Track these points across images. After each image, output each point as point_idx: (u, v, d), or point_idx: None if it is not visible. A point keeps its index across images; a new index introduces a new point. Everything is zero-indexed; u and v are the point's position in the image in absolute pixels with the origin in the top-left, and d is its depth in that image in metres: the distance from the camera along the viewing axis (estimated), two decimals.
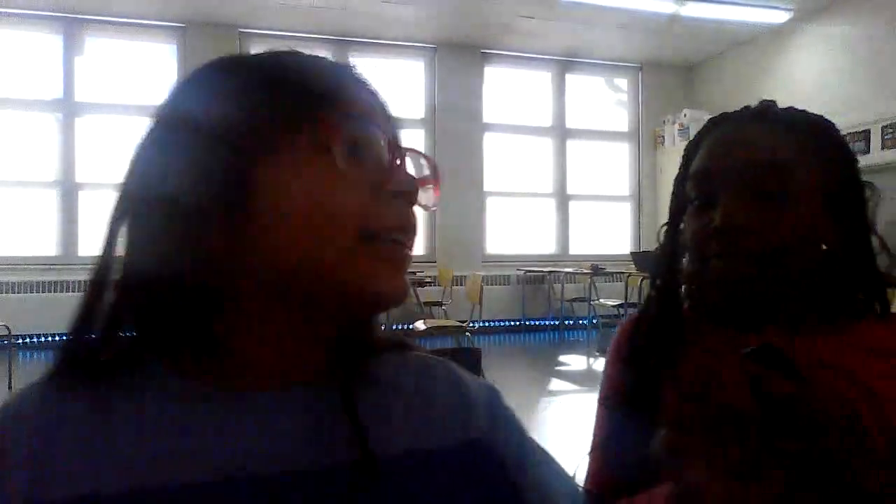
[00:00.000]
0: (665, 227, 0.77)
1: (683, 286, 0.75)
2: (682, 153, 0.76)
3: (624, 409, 0.72)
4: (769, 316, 0.68)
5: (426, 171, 0.51)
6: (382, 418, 0.48)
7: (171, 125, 0.46)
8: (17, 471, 0.40)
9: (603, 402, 0.76)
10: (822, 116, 0.73)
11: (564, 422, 4.05)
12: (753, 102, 0.75)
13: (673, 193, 0.76)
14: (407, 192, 0.46)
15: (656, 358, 0.71)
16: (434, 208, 0.50)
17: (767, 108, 0.73)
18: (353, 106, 0.46)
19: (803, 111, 0.73)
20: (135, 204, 0.46)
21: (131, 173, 0.46)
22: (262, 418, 0.45)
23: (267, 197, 0.43)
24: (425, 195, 0.49)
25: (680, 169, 0.75)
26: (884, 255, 0.73)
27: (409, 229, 0.47)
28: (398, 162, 0.47)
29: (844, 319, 0.68)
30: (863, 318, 0.69)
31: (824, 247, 0.69)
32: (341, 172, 0.43)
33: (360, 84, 0.49)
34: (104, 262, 0.46)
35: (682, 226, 0.73)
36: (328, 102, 0.45)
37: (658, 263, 0.77)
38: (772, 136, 0.68)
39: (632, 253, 7.00)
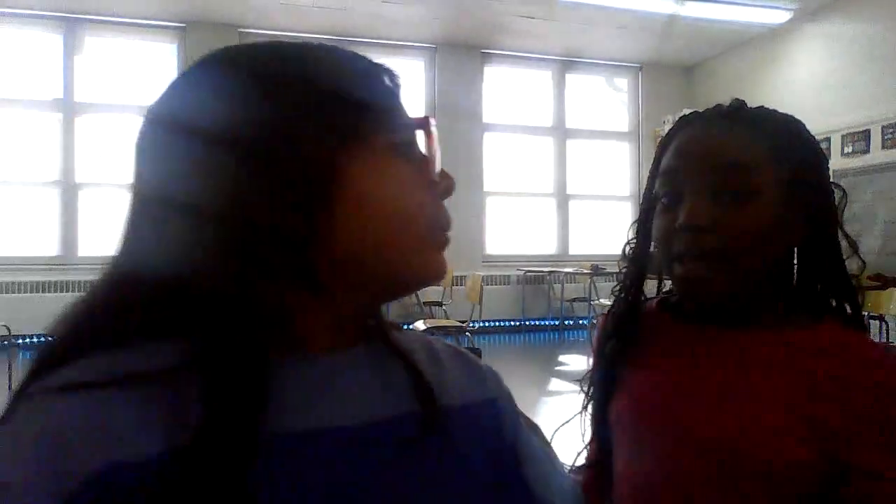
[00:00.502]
0: (634, 224, 0.80)
1: (659, 281, 0.81)
2: None
3: (591, 394, 0.81)
4: (724, 312, 0.71)
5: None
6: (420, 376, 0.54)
7: (220, 134, 0.44)
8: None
9: (580, 383, 0.84)
10: (791, 116, 0.74)
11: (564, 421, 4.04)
12: (753, 102, 0.76)
13: (644, 190, 0.78)
14: (449, 189, 0.51)
15: (614, 352, 0.77)
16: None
17: (737, 107, 0.73)
18: (402, 110, 0.51)
19: (773, 111, 0.74)
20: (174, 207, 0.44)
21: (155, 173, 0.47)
22: (335, 376, 0.48)
23: (348, 199, 0.45)
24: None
25: (652, 165, 0.77)
26: (854, 258, 0.75)
27: (450, 223, 0.52)
28: (437, 159, 0.51)
29: (804, 319, 0.70)
30: (822, 321, 0.69)
31: (788, 246, 0.71)
32: (411, 174, 0.49)
33: (396, 81, 0.53)
34: (141, 262, 0.45)
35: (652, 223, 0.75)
36: (390, 109, 0.50)
37: (626, 260, 0.81)
38: (737, 136, 0.69)
39: None
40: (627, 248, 0.82)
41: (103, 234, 6.70)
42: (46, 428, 0.38)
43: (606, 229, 8.17)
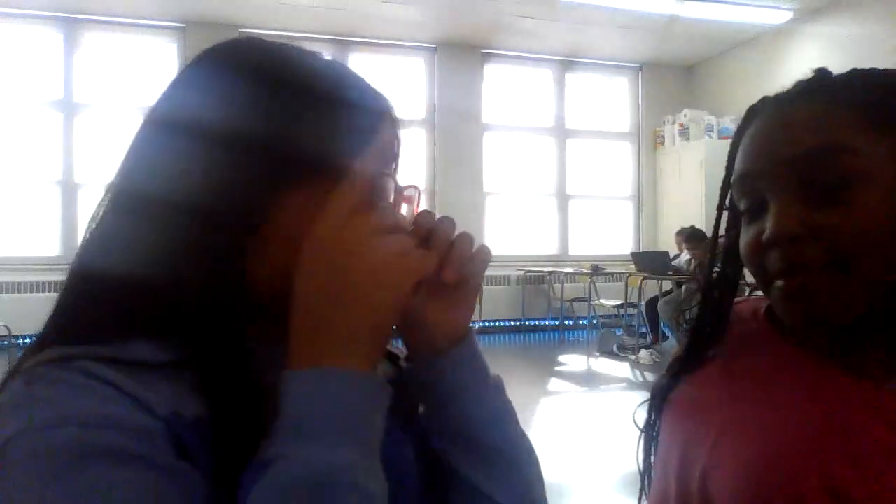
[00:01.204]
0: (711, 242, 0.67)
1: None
2: (682, 153, 0.69)
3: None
4: (858, 341, 0.56)
5: (408, 193, 0.53)
6: None
7: (185, 127, 0.47)
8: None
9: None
10: (892, 72, 0.60)
11: (564, 422, 4.05)
12: (753, 102, 0.67)
13: (718, 203, 0.65)
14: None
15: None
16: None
17: (820, 79, 0.60)
18: (382, 140, 0.49)
19: (869, 70, 0.59)
20: (147, 204, 0.47)
21: (136, 168, 0.49)
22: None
23: (280, 230, 0.45)
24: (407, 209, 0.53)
25: (725, 173, 0.63)
26: None
27: None
28: (399, 205, 0.50)
29: None
30: None
31: None
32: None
33: (389, 109, 0.51)
34: (102, 259, 0.48)
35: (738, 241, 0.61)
36: (354, 148, 0.47)
37: (697, 298, 0.67)
38: (818, 113, 0.54)
39: (632, 253, 7.00)
40: (697, 269, 0.69)
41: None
42: (111, 382, 0.39)
43: (606, 229, 8.17)
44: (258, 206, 0.45)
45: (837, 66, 0.63)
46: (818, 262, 0.51)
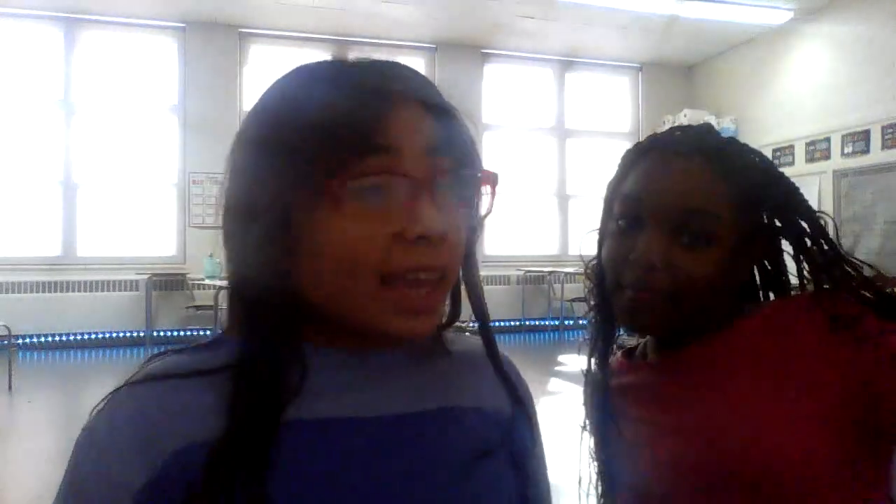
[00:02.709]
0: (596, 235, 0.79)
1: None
2: None
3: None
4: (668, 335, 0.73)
5: (479, 177, 0.53)
6: (445, 378, 0.57)
7: (242, 144, 0.52)
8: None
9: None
10: (761, 155, 0.73)
11: (564, 422, 4.04)
12: (753, 102, 0.76)
13: (603, 211, 0.77)
14: (428, 236, 0.47)
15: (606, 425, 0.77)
16: (489, 214, 0.54)
17: (705, 141, 0.71)
18: (386, 138, 0.47)
19: (743, 148, 0.73)
20: (225, 216, 0.53)
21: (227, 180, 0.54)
22: (368, 371, 0.53)
23: (303, 236, 0.47)
24: (483, 203, 0.54)
25: (610, 186, 0.76)
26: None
27: (430, 270, 0.48)
28: (422, 203, 0.47)
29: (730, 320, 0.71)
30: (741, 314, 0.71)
31: (735, 285, 0.72)
32: (363, 220, 0.46)
33: (403, 99, 0.49)
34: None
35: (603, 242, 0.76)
36: (357, 148, 0.46)
37: (595, 284, 0.80)
38: (704, 180, 0.68)
39: None
40: (587, 289, 0.82)
41: (103, 234, 6.70)
42: (137, 410, 0.47)
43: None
44: (281, 214, 0.47)
45: (837, 66, 0.66)
46: (662, 290, 0.66)
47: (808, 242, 0.71)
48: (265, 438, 0.45)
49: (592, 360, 0.81)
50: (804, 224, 0.71)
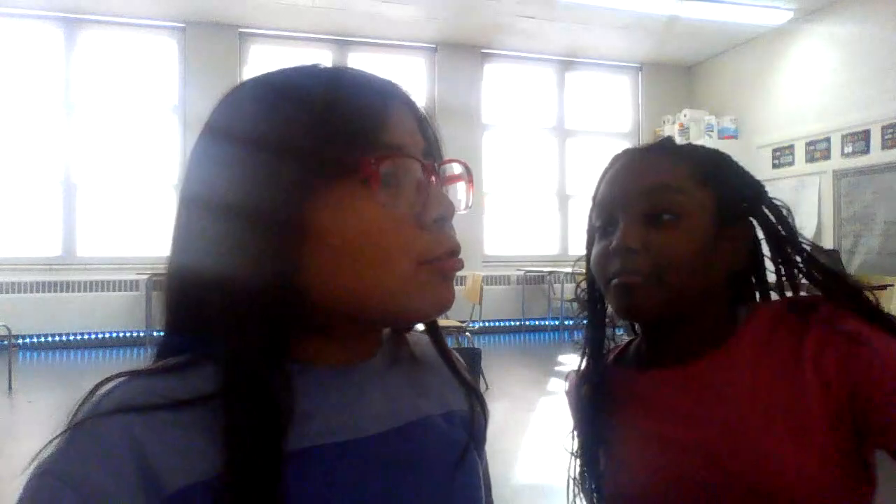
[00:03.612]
0: (586, 259, 0.82)
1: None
2: None
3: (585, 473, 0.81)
4: (667, 334, 0.75)
5: (456, 171, 0.54)
6: (415, 386, 0.57)
7: (230, 139, 0.49)
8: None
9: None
10: (717, 150, 0.77)
11: (564, 422, 4.04)
12: (753, 102, 0.79)
13: (587, 228, 0.82)
14: (446, 216, 0.49)
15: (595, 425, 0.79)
16: (469, 207, 0.55)
17: (665, 141, 0.78)
18: (394, 136, 0.48)
19: (701, 146, 0.79)
20: (197, 211, 0.49)
21: (191, 177, 0.51)
22: (353, 389, 0.51)
23: (320, 231, 0.46)
24: (462, 196, 0.55)
25: (591, 202, 0.80)
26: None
27: (456, 249, 0.50)
28: (434, 183, 0.50)
29: (724, 336, 0.72)
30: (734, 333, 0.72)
31: (725, 271, 0.74)
32: (386, 208, 0.46)
33: (401, 102, 0.51)
34: (177, 264, 0.50)
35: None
36: (370, 139, 0.47)
37: (583, 303, 0.85)
38: (663, 162, 0.73)
39: None
40: (580, 291, 0.85)
41: (103, 234, 6.70)
42: (121, 448, 0.41)
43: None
44: (290, 212, 0.45)
45: (837, 66, 0.67)
46: (644, 270, 0.69)
47: (778, 232, 0.74)
48: (273, 470, 0.42)
49: (583, 365, 0.84)
50: (768, 213, 0.75)
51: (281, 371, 0.45)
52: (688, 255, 0.69)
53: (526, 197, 7.93)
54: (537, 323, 7.60)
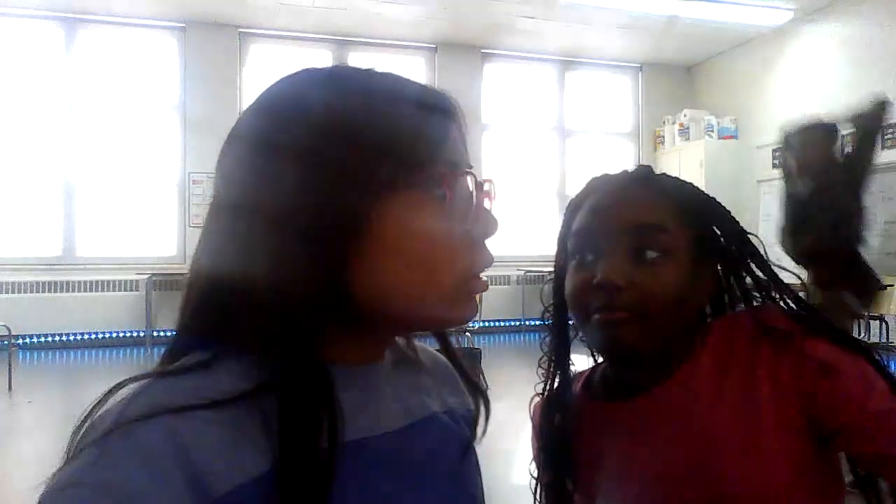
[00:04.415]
0: (552, 284, 0.83)
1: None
2: (682, 153, 0.78)
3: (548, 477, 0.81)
4: (644, 367, 0.75)
5: (486, 188, 0.54)
6: (417, 385, 0.59)
7: (285, 141, 0.47)
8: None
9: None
10: (689, 182, 0.79)
11: None
12: (753, 102, 0.79)
13: (556, 254, 0.81)
14: (490, 235, 0.51)
15: (556, 440, 0.80)
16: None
17: (644, 174, 0.78)
18: (452, 152, 0.50)
19: (675, 178, 0.79)
20: (242, 214, 0.47)
21: (235, 179, 0.49)
22: (370, 390, 0.52)
23: (379, 234, 0.46)
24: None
25: (562, 228, 0.81)
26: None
27: (490, 266, 0.52)
28: (483, 202, 0.52)
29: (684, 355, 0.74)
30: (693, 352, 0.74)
31: (700, 304, 0.76)
32: (449, 218, 0.48)
33: (457, 118, 0.53)
34: (214, 267, 0.49)
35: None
36: (438, 147, 0.49)
37: (550, 331, 0.85)
38: (649, 199, 0.74)
39: None
40: (547, 315, 0.84)
41: (103, 234, 6.70)
42: (164, 452, 0.39)
43: None
44: (352, 215, 0.45)
45: (837, 66, 0.67)
46: (629, 307, 0.69)
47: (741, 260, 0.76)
48: (329, 465, 0.42)
49: (551, 385, 0.85)
50: (734, 244, 0.76)
51: (324, 368, 0.45)
52: (672, 291, 0.70)
53: (526, 197, 7.93)
54: (537, 323, 7.57)
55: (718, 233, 0.76)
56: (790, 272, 0.76)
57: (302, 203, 0.45)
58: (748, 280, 0.76)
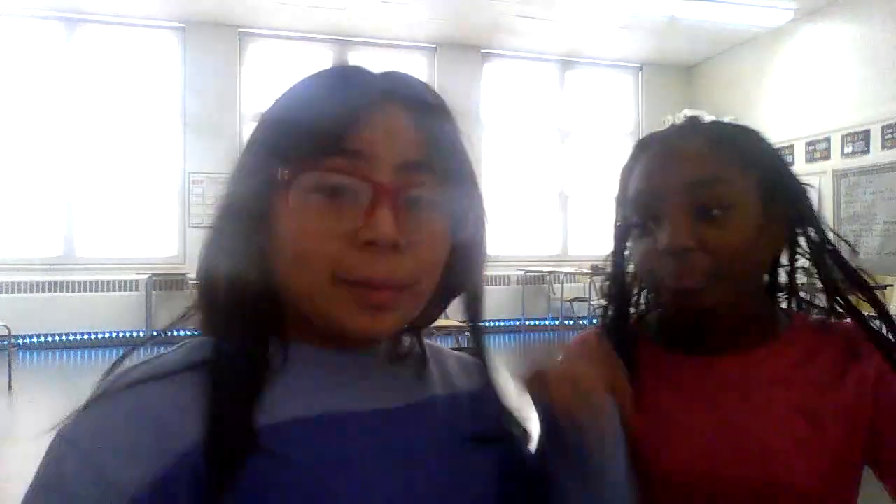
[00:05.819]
0: (612, 254, 0.80)
1: (640, 308, 0.81)
2: None
3: None
4: (715, 333, 0.72)
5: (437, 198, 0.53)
6: (424, 373, 0.61)
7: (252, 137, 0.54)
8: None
9: None
10: (744, 126, 0.74)
11: None
12: (753, 102, 0.77)
13: (615, 221, 0.78)
14: (378, 243, 0.47)
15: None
16: (480, 229, 0.59)
17: (694, 124, 0.73)
18: (360, 142, 0.48)
19: (728, 123, 0.74)
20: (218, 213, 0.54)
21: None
22: (342, 370, 0.54)
23: (272, 228, 0.49)
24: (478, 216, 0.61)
25: (618, 194, 0.76)
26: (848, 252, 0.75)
27: (373, 281, 0.48)
28: (380, 210, 0.47)
29: (778, 330, 0.73)
30: (790, 326, 0.73)
31: (773, 252, 0.73)
32: (321, 217, 0.48)
33: (391, 103, 0.51)
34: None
35: (627, 251, 0.76)
36: (324, 146, 0.48)
37: (610, 292, 0.81)
38: (702, 152, 0.69)
39: None
40: (605, 285, 0.81)
41: (103, 234, 6.70)
42: (142, 408, 0.46)
43: (606, 229, 8.15)
44: (259, 209, 0.50)
45: (837, 66, 0.67)
46: (702, 268, 0.66)
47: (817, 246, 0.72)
48: (246, 433, 0.45)
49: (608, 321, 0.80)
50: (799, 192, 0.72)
51: (262, 342, 0.50)
52: (743, 246, 0.66)
53: (526, 197, 7.93)
54: (537, 323, 7.60)
55: (780, 178, 0.71)
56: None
57: (233, 193, 0.52)
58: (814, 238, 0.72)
